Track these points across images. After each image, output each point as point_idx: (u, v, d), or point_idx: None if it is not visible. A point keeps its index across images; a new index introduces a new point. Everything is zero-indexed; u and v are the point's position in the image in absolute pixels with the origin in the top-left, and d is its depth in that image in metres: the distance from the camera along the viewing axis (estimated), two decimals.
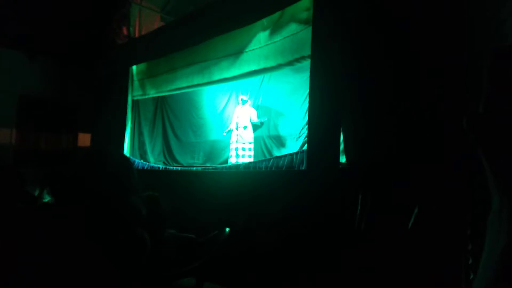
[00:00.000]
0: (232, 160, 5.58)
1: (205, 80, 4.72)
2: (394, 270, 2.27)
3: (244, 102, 5.79)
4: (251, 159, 5.45)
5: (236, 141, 5.64)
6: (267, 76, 5.81)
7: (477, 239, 1.93)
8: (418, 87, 2.47)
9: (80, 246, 1.30)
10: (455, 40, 2.33)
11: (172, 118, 6.79)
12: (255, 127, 5.80)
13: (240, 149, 5.60)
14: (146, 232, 1.48)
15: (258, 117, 5.78)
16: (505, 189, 0.60)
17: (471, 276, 2.02)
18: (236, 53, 4.27)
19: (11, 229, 1.42)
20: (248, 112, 5.72)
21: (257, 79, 5.93)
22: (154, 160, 6.21)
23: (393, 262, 2.28)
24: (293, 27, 3.66)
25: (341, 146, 2.96)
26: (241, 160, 5.42)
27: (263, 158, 4.94)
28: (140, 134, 6.19)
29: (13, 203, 2.65)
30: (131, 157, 5.62)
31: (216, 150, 6.38)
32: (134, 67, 5.79)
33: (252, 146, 5.68)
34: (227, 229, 2.60)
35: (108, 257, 1.33)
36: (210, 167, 4.89)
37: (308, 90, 3.31)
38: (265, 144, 5.91)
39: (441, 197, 2.23)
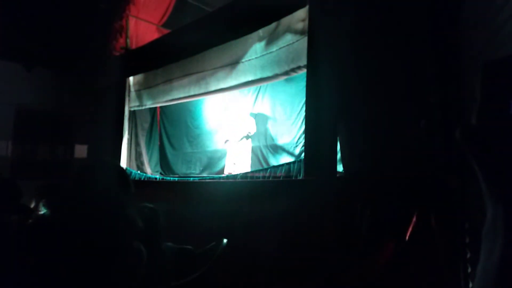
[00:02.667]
0: (229, 170, 5.58)
1: (201, 91, 4.74)
2: (393, 279, 2.25)
3: (241, 111, 5.81)
4: (248, 169, 5.44)
5: (233, 151, 5.64)
6: (263, 85, 5.84)
7: (476, 248, 1.93)
8: (414, 96, 2.49)
9: (76, 258, 1.29)
10: (451, 47, 2.35)
11: (169, 129, 6.79)
12: (252, 136, 5.81)
13: (237, 159, 5.60)
14: (142, 245, 1.47)
15: (256, 126, 5.80)
16: (498, 199, 0.60)
17: (470, 285, 2.01)
18: (233, 64, 4.29)
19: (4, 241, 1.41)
20: (245, 122, 5.73)
21: (254, 88, 5.96)
22: (151, 171, 6.19)
23: (392, 271, 2.27)
24: (289, 38, 3.69)
25: (338, 155, 2.96)
26: (238, 170, 5.42)
27: (260, 168, 4.93)
28: (137, 144, 6.18)
29: (8, 216, 2.63)
30: (128, 168, 5.60)
31: (213, 160, 6.37)
32: (131, 78, 5.81)
33: (249, 155, 5.68)
34: (225, 240, 2.58)
35: (104, 270, 1.32)
36: (207, 178, 4.88)
37: (304, 99, 3.33)
38: (262, 154, 5.91)
39: (439, 205, 2.23)
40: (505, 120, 0.59)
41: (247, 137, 5.66)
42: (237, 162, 5.58)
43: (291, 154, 5.46)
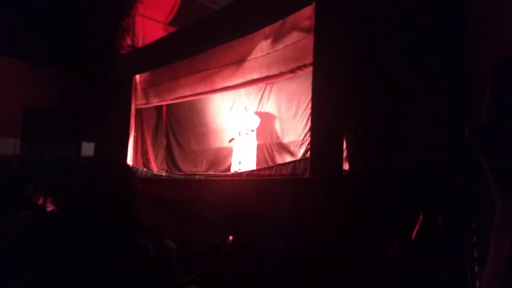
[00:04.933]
0: (235, 167, 5.58)
1: (207, 89, 4.74)
2: (399, 279, 2.25)
3: (247, 109, 5.81)
4: (254, 167, 5.44)
5: (239, 148, 5.64)
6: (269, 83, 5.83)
7: (484, 247, 1.91)
8: (421, 94, 2.47)
9: (84, 254, 1.30)
10: (458, 45, 2.33)
11: (175, 126, 6.81)
12: (258, 134, 5.81)
13: (243, 156, 5.59)
14: (149, 241, 1.48)
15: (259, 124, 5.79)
16: (508, 196, 0.60)
17: (477, 284, 2.00)
18: (239, 62, 4.29)
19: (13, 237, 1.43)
20: (251, 120, 5.73)
21: (260, 86, 5.95)
22: (157, 169, 6.21)
23: (398, 270, 2.26)
24: (295, 35, 3.68)
25: (344, 153, 2.95)
26: (244, 167, 5.42)
27: (266, 166, 4.93)
28: (143, 142, 6.20)
29: (17, 212, 2.66)
30: (134, 166, 5.63)
31: (219, 158, 6.37)
32: (137, 76, 5.83)
33: (255, 153, 5.68)
34: (230, 237, 2.58)
35: (112, 266, 1.33)
36: (213, 175, 4.89)
37: (310, 97, 3.32)
38: (268, 152, 5.90)
39: (446, 204, 2.21)
40: None
41: (253, 134, 5.66)
42: (243, 160, 5.58)
43: (297, 152, 5.45)
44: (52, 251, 1.31)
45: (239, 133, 5.68)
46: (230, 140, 5.91)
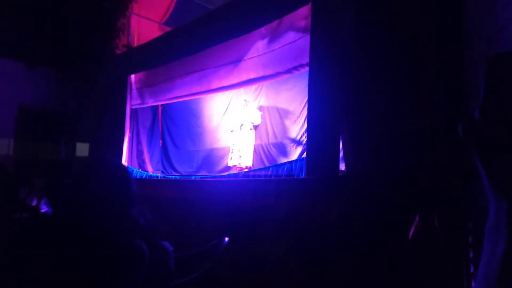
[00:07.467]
0: (234, 162, 5.58)
1: (203, 89, 4.73)
2: (396, 279, 2.25)
3: (246, 104, 5.81)
4: (251, 163, 5.45)
5: (238, 143, 5.64)
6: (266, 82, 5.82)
7: (479, 247, 1.92)
8: (417, 95, 2.48)
9: (78, 256, 1.29)
10: (453, 46, 2.34)
11: (171, 127, 6.79)
12: (256, 134, 5.81)
13: (242, 151, 5.59)
14: (145, 243, 1.46)
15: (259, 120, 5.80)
16: (502, 194, 0.59)
17: (473, 285, 2.00)
18: (235, 62, 4.28)
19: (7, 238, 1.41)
20: (250, 114, 5.72)
21: (257, 85, 5.94)
22: (152, 169, 6.19)
23: (395, 271, 2.26)
24: (291, 35, 3.67)
25: (340, 154, 2.95)
26: (242, 163, 5.42)
27: (263, 166, 4.92)
28: (139, 143, 6.17)
29: (10, 213, 2.64)
30: (129, 167, 5.60)
31: (216, 158, 6.36)
32: (132, 76, 5.80)
33: (252, 149, 5.68)
34: (226, 239, 2.57)
35: (107, 268, 1.31)
36: (209, 176, 4.87)
37: (307, 97, 3.32)
38: (264, 152, 5.90)
39: (442, 204, 2.21)
40: (509, 114, 0.58)
41: (247, 129, 5.65)
42: (243, 154, 5.58)
43: (293, 152, 5.45)
44: (46, 253, 1.29)
45: (241, 127, 5.67)
46: (231, 131, 5.89)
